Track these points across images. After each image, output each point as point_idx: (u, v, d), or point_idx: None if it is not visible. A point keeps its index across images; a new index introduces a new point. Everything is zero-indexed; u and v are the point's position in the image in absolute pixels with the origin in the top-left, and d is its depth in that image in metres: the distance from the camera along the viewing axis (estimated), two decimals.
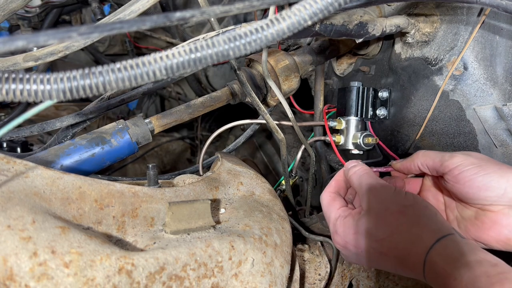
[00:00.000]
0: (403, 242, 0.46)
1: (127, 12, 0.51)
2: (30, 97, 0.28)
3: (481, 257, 0.41)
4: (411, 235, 0.46)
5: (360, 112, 0.71)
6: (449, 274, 0.41)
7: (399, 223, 0.47)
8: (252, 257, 0.45)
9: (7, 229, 0.34)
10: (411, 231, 0.46)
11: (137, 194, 0.46)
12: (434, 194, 0.58)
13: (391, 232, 0.47)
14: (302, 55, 0.73)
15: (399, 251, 0.46)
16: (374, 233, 0.48)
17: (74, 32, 0.27)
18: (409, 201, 0.49)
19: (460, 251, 0.42)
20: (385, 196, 0.50)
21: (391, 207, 0.49)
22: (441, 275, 0.42)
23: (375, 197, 0.50)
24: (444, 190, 0.56)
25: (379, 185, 0.52)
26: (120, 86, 0.29)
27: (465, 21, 0.60)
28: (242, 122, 0.68)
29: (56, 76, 0.28)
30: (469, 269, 0.40)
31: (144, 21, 0.29)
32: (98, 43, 1.44)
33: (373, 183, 0.52)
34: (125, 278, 0.36)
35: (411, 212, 0.48)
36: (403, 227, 0.47)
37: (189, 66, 0.30)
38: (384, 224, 0.48)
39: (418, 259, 0.44)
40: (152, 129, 0.59)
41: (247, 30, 0.31)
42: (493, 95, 0.60)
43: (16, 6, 0.65)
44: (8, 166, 0.40)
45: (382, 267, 0.50)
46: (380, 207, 0.49)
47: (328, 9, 0.32)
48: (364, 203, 0.51)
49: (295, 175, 0.74)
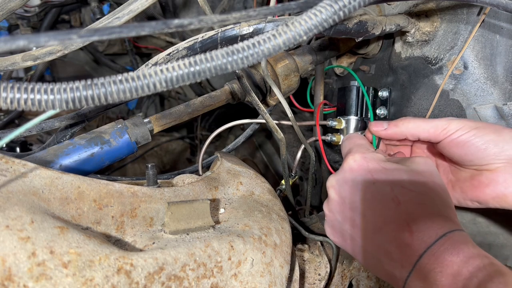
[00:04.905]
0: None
1: (126, 11, 0.51)
2: (33, 106, 0.29)
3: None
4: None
5: (360, 111, 0.71)
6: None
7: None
8: (251, 257, 0.45)
9: (5, 229, 0.34)
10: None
11: (136, 194, 0.45)
12: (425, 158, 0.58)
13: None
14: (301, 55, 0.73)
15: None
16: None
17: (74, 35, 0.28)
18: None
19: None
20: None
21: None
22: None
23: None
24: (437, 154, 0.56)
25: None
26: (122, 97, 0.30)
27: (465, 20, 0.60)
28: (242, 121, 0.68)
29: (60, 86, 0.29)
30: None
31: (143, 26, 0.30)
32: (98, 42, 1.44)
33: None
34: (124, 278, 0.36)
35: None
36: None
37: (188, 79, 0.31)
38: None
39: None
40: (151, 128, 0.59)
41: (245, 45, 0.32)
42: (493, 95, 0.60)
43: (14, 5, 0.64)
44: (7, 166, 0.39)
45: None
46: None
47: (322, 25, 0.33)
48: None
49: (295, 174, 0.74)
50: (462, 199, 0.53)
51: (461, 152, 0.50)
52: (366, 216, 0.48)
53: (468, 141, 0.49)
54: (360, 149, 0.53)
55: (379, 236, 0.46)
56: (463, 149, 0.49)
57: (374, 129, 0.57)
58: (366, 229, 0.48)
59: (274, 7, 0.36)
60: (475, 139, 0.48)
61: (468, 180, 0.52)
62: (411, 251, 0.43)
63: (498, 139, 0.47)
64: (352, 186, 0.50)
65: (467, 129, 0.49)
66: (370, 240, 0.47)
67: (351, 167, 0.51)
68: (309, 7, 0.34)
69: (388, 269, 0.45)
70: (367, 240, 0.47)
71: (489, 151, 0.48)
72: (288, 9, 0.37)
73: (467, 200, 0.52)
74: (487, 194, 0.49)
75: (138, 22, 0.30)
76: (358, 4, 0.34)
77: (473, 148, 0.48)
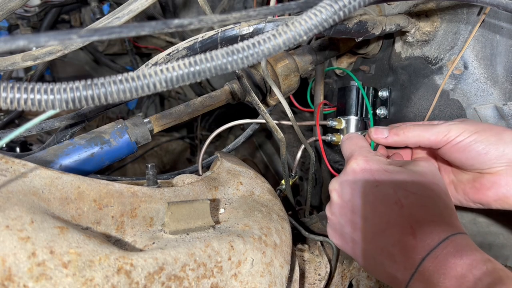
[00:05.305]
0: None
1: (126, 11, 0.51)
2: (33, 106, 0.29)
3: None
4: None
5: (360, 111, 0.71)
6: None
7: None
8: (251, 257, 0.45)
9: (5, 229, 0.33)
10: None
11: (136, 194, 0.45)
12: (427, 161, 0.59)
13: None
14: (302, 55, 0.73)
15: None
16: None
17: (74, 35, 0.28)
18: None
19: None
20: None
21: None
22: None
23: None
24: (438, 156, 0.57)
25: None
26: (122, 97, 0.30)
27: (465, 20, 0.60)
28: (242, 121, 0.68)
29: (60, 86, 0.29)
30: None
31: (143, 26, 0.30)
32: (98, 42, 1.44)
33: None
34: (124, 278, 0.36)
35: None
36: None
37: (188, 79, 0.31)
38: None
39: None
40: (151, 128, 0.59)
41: (245, 45, 0.32)
42: (494, 95, 0.60)
43: (14, 5, 0.64)
44: (7, 166, 0.39)
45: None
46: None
47: (322, 25, 0.33)
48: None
49: (295, 174, 0.74)
50: (465, 200, 0.53)
51: (462, 157, 0.50)
52: (368, 218, 0.48)
53: (469, 146, 0.49)
54: (362, 152, 0.53)
55: (382, 239, 0.46)
56: (464, 154, 0.49)
57: (374, 136, 0.57)
58: (367, 231, 0.48)
59: (274, 7, 0.36)
60: (475, 143, 0.48)
61: (470, 182, 0.52)
62: (414, 254, 0.43)
63: (499, 143, 0.47)
64: (355, 189, 0.50)
65: (468, 133, 0.49)
66: (372, 242, 0.47)
67: (354, 170, 0.51)
68: (309, 7, 0.34)
69: (390, 271, 0.45)
70: (369, 242, 0.47)
71: (490, 155, 0.48)
72: (288, 9, 0.37)
73: (469, 202, 0.53)
74: (489, 197, 0.50)
75: (138, 22, 0.30)
76: (358, 4, 0.34)
77: (474, 152, 0.48)
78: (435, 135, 0.51)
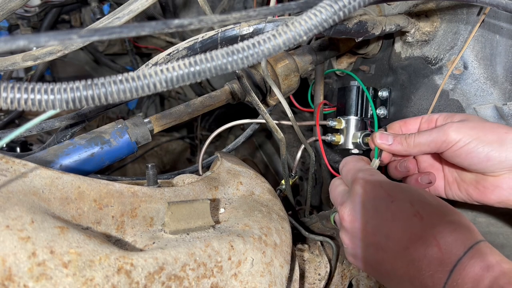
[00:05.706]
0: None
1: (126, 11, 0.51)
2: (34, 106, 0.29)
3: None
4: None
5: (360, 111, 0.71)
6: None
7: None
8: (251, 257, 0.45)
9: (5, 229, 0.34)
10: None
11: (136, 194, 0.45)
12: (431, 163, 0.59)
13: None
14: (301, 55, 0.73)
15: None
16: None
17: (74, 35, 0.28)
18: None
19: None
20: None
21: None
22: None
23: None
24: (442, 159, 0.57)
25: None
26: (122, 97, 0.30)
27: (465, 20, 0.60)
28: (242, 121, 0.68)
29: (60, 86, 0.29)
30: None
31: (143, 26, 0.30)
32: (98, 42, 1.44)
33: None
34: (124, 278, 0.36)
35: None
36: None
37: (188, 79, 0.31)
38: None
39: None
40: (151, 128, 0.59)
41: (245, 45, 0.32)
42: (493, 95, 0.60)
43: (15, 5, 0.64)
44: (7, 166, 0.39)
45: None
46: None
47: (322, 25, 0.33)
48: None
49: (295, 174, 0.74)
50: (468, 199, 0.54)
51: (464, 162, 0.50)
52: (389, 236, 0.46)
53: (470, 152, 0.48)
54: (362, 174, 0.51)
55: (407, 255, 0.44)
56: (466, 160, 0.49)
57: (379, 142, 0.57)
58: (391, 249, 0.45)
59: (274, 7, 0.36)
60: (477, 150, 0.48)
61: (473, 183, 0.53)
62: (441, 266, 0.41)
63: (500, 149, 0.47)
64: (370, 210, 0.48)
65: (468, 138, 0.48)
66: (397, 260, 0.45)
67: (361, 193, 0.49)
68: (309, 7, 0.34)
69: (420, 287, 0.43)
70: (394, 261, 0.45)
71: (492, 161, 0.48)
72: (288, 9, 0.37)
73: (473, 201, 0.54)
74: (492, 199, 0.50)
75: (138, 22, 0.30)
76: (358, 4, 0.34)
77: (475, 159, 0.48)
78: (434, 142, 0.51)
